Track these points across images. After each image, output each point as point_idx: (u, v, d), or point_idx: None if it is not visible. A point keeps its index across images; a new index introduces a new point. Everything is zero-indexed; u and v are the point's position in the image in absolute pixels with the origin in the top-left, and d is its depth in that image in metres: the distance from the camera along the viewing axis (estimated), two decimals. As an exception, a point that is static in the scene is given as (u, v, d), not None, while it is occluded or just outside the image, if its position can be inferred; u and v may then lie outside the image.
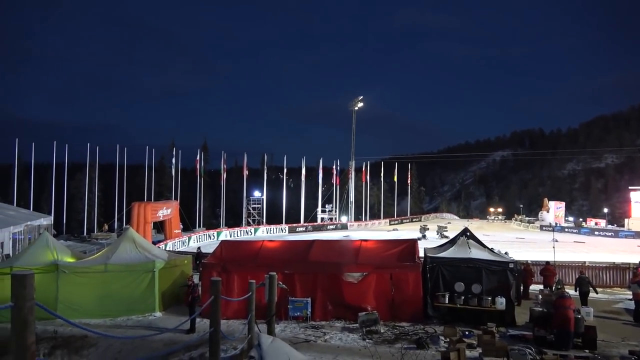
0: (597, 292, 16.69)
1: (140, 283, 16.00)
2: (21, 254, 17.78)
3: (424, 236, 43.72)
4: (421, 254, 15.84)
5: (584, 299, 15.86)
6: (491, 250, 15.75)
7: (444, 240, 22.12)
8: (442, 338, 11.97)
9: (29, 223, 33.63)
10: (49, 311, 3.98)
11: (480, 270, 14.10)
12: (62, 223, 49.38)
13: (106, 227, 49.65)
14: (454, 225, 58.58)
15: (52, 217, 43.39)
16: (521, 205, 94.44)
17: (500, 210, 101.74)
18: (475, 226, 55.19)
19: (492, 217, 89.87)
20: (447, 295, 14.06)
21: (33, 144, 48.83)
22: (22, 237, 31.27)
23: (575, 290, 16.28)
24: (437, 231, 47.00)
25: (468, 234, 15.86)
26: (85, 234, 49.46)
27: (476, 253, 14.71)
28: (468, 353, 10.64)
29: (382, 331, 12.88)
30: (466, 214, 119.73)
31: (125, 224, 41.22)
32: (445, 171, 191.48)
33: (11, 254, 26.11)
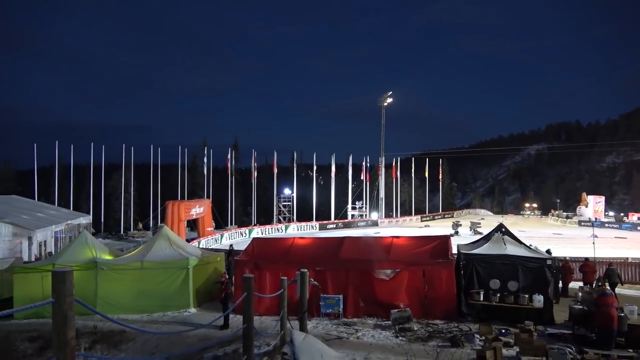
0: (622, 284, 16.25)
1: (175, 280, 16.35)
2: (62, 252, 18.46)
3: (456, 232, 43.02)
4: (454, 250, 15.57)
5: (612, 290, 15.29)
6: (528, 246, 15.31)
7: (478, 237, 21.68)
8: (477, 336, 11.72)
9: (69, 222, 34.93)
10: (88, 307, 4.08)
11: (516, 266, 13.73)
12: (100, 222, 50.99)
13: (140, 225, 51.00)
14: (488, 221, 57.33)
15: (90, 216, 44.98)
16: (558, 200, 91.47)
17: (535, 205, 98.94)
18: (510, 222, 53.86)
19: (528, 213, 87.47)
20: (481, 293, 13.75)
21: (72, 145, 50.76)
22: (63, 235, 32.51)
23: (604, 283, 15.71)
24: (470, 227, 46.08)
25: (503, 229, 15.47)
26: (122, 232, 50.99)
27: (512, 249, 14.33)
28: (505, 352, 10.37)
29: (415, 329, 12.73)
30: (500, 210, 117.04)
31: (160, 222, 42.24)
32: (477, 166, 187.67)
33: (53, 252, 27.17)
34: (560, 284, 17.01)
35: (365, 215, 64.55)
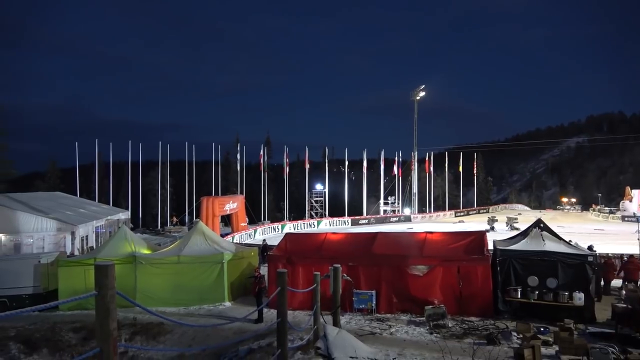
0: None
1: (211, 274, 16.68)
2: (103, 246, 19.14)
3: (492, 228, 42.09)
4: (490, 246, 15.25)
5: None
6: (568, 242, 14.82)
7: (515, 232, 21.12)
8: (515, 334, 11.46)
9: (109, 218, 36.15)
10: (128, 299, 4.21)
11: (555, 263, 13.32)
12: (138, 217, 52.51)
13: (175, 220, 52.21)
14: (525, 216, 55.80)
15: (129, 212, 46.37)
16: (599, 195, 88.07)
17: (573, 200, 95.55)
18: (548, 217, 52.20)
19: (568, 208, 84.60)
20: (519, 290, 13.41)
21: (111, 144, 52.46)
22: (104, 230, 33.67)
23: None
24: (506, 223, 44.97)
25: (541, 225, 15.03)
26: (159, 227, 52.37)
27: (551, 245, 13.90)
28: (543, 350, 10.10)
29: (449, 325, 12.56)
30: (538, 205, 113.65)
31: (195, 218, 43.14)
32: (514, 160, 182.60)
33: (94, 246, 28.20)
34: (602, 282, 16.39)
35: (398, 210, 63.96)
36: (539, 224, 15.12)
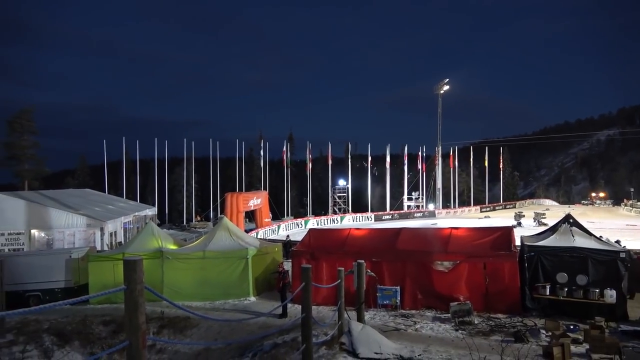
0: None
1: (235, 269, 16.87)
2: (131, 242, 19.55)
3: (519, 224, 41.31)
4: (517, 242, 14.96)
5: None
6: (598, 238, 14.41)
7: (543, 228, 20.69)
8: (543, 332, 11.22)
9: (136, 213, 36.91)
10: (156, 293, 4.28)
11: (585, 259, 12.97)
12: (164, 213, 53.48)
13: (199, 218, 52.92)
14: (553, 211, 54.54)
15: (155, 208, 47.28)
16: (632, 189, 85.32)
17: (602, 194, 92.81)
18: (577, 212, 50.80)
19: (599, 202, 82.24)
20: (547, 287, 13.12)
21: (137, 141, 53.53)
22: (131, 226, 34.41)
23: None
24: (534, 218, 44.06)
25: (571, 220, 14.64)
26: (184, 223, 53.22)
27: (581, 241, 13.54)
28: (573, 349, 9.86)
29: (475, 322, 12.38)
30: (567, 200, 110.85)
31: (220, 214, 43.65)
32: (541, 154, 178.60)
33: (123, 242, 28.84)
34: (635, 279, 15.87)
35: (422, 206, 63.37)
36: (568, 220, 14.75)
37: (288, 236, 30.20)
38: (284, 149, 60.65)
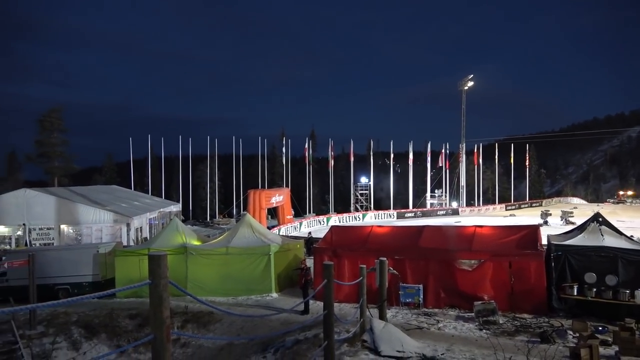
0: None
1: (258, 265, 16.99)
2: (156, 237, 19.89)
3: (545, 222, 40.39)
4: (544, 241, 14.64)
5: None
6: (629, 237, 13.99)
7: (570, 227, 20.20)
8: (570, 333, 10.97)
9: (161, 210, 37.55)
10: (180, 288, 4.34)
11: (615, 259, 12.61)
12: (188, 209, 54.28)
13: (220, 217, 53.47)
14: (581, 210, 53.20)
15: (180, 204, 48.00)
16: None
17: (630, 192, 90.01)
18: (607, 211, 49.45)
19: (630, 201, 79.80)
20: (575, 287, 12.80)
21: (162, 139, 54.42)
22: (157, 222, 35.03)
23: None
24: (561, 217, 43.02)
25: (600, 219, 14.25)
26: (208, 219, 53.91)
27: (610, 241, 13.17)
28: (602, 350, 9.60)
29: (500, 322, 12.18)
30: (595, 198, 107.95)
31: (243, 210, 44.03)
32: (569, 151, 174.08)
33: (148, 237, 29.38)
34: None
35: (445, 203, 62.63)
36: (597, 218, 14.36)
37: (310, 233, 30.26)
38: (306, 146, 60.79)
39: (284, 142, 61.20)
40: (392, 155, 65.16)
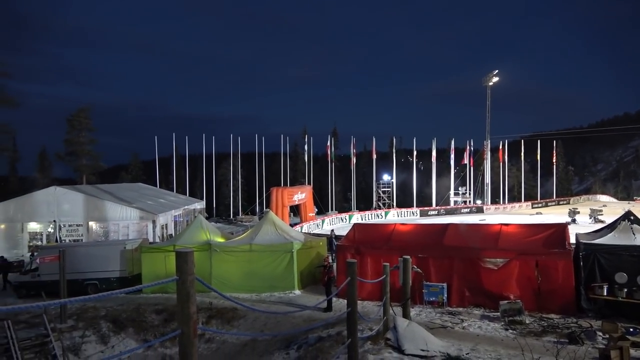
0: None
1: (281, 262, 17.09)
2: (181, 234, 20.21)
3: (573, 220, 39.46)
4: (572, 240, 14.30)
5: None
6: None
7: (599, 225, 19.66)
8: (600, 334, 10.68)
9: (186, 207, 38.12)
10: (206, 284, 4.39)
11: (648, 259, 12.22)
12: (212, 207, 54.92)
13: (242, 215, 53.91)
14: (611, 208, 51.75)
15: (204, 202, 48.61)
16: (699, 185, 79.62)
17: None
18: (638, 209, 48.05)
19: None
20: (605, 287, 12.47)
21: (187, 137, 55.18)
22: (181, 219, 35.57)
23: None
24: (590, 215, 41.96)
25: (632, 217, 13.83)
26: (231, 216, 54.46)
27: (642, 240, 12.77)
28: (633, 352, 9.32)
29: (527, 322, 11.96)
30: (626, 196, 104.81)
31: (265, 208, 44.32)
32: (598, 148, 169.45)
33: (173, 234, 29.87)
34: None
35: (469, 201, 61.74)
36: (628, 216, 13.94)
37: (332, 231, 30.26)
38: (328, 143, 60.71)
39: (306, 139, 61.32)
40: (415, 153, 64.54)
